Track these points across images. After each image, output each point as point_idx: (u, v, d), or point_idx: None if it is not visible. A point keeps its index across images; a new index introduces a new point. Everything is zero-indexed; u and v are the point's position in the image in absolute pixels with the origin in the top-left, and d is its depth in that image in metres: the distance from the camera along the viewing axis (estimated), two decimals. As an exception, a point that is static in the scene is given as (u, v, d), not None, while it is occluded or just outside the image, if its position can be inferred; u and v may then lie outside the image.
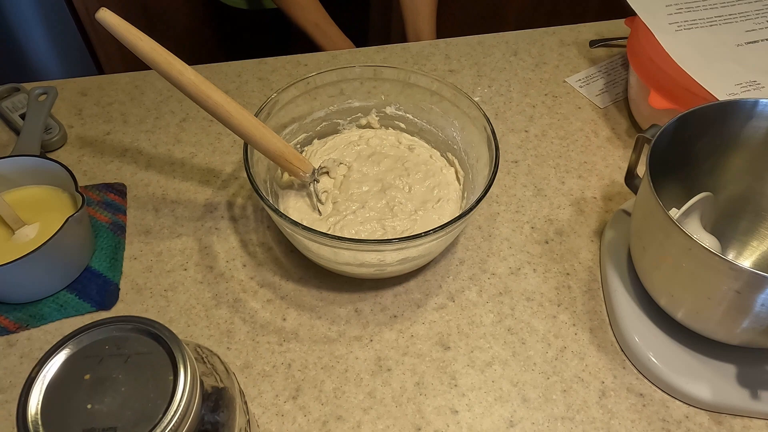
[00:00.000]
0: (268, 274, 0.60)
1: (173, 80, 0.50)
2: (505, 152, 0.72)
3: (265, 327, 0.56)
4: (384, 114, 0.67)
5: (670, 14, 0.74)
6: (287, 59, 0.83)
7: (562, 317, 0.57)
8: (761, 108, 0.54)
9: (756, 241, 0.60)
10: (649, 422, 0.51)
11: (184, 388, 0.30)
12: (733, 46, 0.71)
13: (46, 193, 0.60)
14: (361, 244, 0.52)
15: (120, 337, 0.32)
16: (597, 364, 0.54)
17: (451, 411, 0.51)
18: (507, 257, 0.62)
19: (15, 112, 0.72)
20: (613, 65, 0.84)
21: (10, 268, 0.51)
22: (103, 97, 0.77)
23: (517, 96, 0.80)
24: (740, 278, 0.44)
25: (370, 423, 0.50)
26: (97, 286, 0.58)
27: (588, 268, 0.61)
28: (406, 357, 0.54)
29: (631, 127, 0.76)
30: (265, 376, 0.53)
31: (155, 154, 0.71)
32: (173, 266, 0.60)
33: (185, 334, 0.55)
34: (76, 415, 0.29)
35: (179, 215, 0.65)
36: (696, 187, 0.56)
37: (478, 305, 0.58)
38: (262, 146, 0.55)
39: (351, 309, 0.58)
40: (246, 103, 0.76)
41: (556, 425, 0.51)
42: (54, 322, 0.56)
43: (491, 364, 0.54)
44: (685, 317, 0.51)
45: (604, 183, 0.69)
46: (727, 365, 0.52)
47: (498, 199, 0.67)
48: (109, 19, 0.46)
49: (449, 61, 0.84)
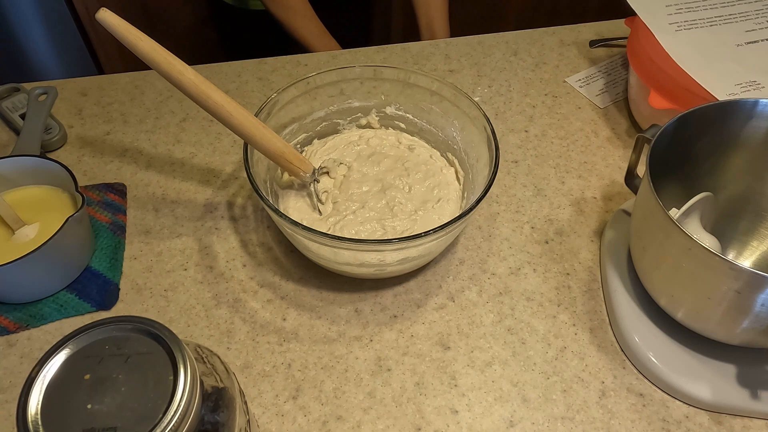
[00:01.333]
0: (268, 274, 0.60)
1: (173, 80, 0.50)
2: (505, 152, 0.72)
3: (265, 327, 0.56)
4: (384, 114, 0.67)
5: (670, 14, 0.74)
6: (287, 59, 0.83)
7: (562, 317, 0.57)
8: (761, 108, 0.54)
9: (756, 241, 0.60)
10: (649, 422, 0.51)
11: (184, 388, 0.30)
12: (733, 46, 0.71)
13: (46, 193, 0.60)
14: (361, 244, 0.52)
15: (120, 337, 0.32)
16: (597, 364, 0.54)
17: (451, 411, 0.51)
18: (507, 257, 0.62)
19: (15, 112, 0.72)
20: (613, 65, 0.84)
21: (10, 268, 0.51)
22: (103, 97, 0.77)
23: (517, 96, 0.80)
24: (740, 278, 0.44)
25: (370, 423, 0.50)
26: (97, 286, 0.58)
27: (588, 268, 0.61)
28: (406, 357, 0.54)
29: (631, 127, 0.76)
30: (265, 376, 0.53)
31: (155, 154, 0.71)
32: (173, 266, 0.60)
33: (185, 334, 0.55)
34: (76, 415, 0.29)
35: (179, 215, 0.65)
36: (696, 187, 0.56)
37: (478, 305, 0.58)
38: (263, 146, 0.55)
39: (351, 309, 0.58)
40: (246, 103, 0.76)
41: (556, 425, 0.51)
42: (54, 322, 0.56)
43: (491, 364, 0.54)
44: (685, 317, 0.51)
45: (604, 183, 0.69)
46: (727, 365, 0.52)
47: (498, 199, 0.67)
48: (109, 20, 0.46)
49: (449, 61, 0.84)
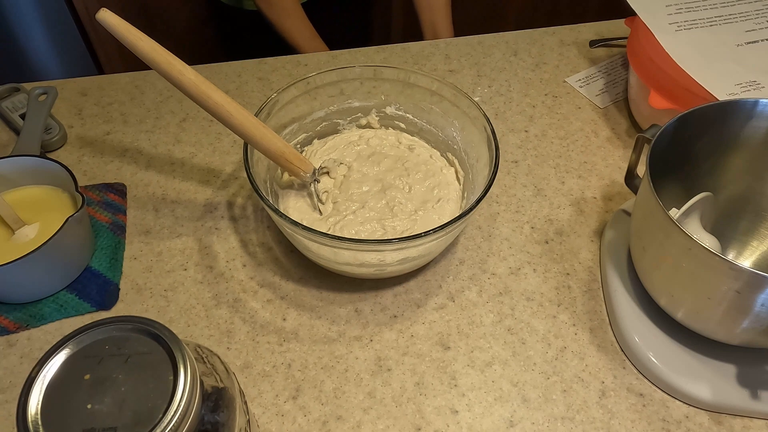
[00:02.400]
0: (268, 274, 0.60)
1: (174, 80, 0.50)
2: (505, 152, 0.72)
3: (265, 327, 0.56)
4: (384, 114, 0.67)
5: (670, 14, 0.74)
6: (287, 59, 0.83)
7: (562, 317, 0.57)
8: (761, 108, 0.54)
9: (756, 241, 0.60)
10: (649, 422, 0.51)
11: (184, 388, 0.30)
12: (733, 46, 0.71)
13: (46, 193, 0.60)
14: (361, 244, 0.52)
15: (120, 337, 0.32)
16: (597, 364, 0.54)
17: (451, 411, 0.51)
18: (507, 257, 0.62)
19: (15, 112, 0.72)
20: (613, 65, 0.84)
21: (10, 268, 0.51)
22: (103, 97, 0.77)
23: (517, 96, 0.80)
24: (740, 278, 0.44)
25: (370, 423, 0.50)
26: (97, 286, 0.58)
27: (588, 268, 0.61)
28: (406, 357, 0.54)
29: (631, 127, 0.76)
30: (265, 376, 0.53)
31: (155, 154, 0.71)
32: (173, 266, 0.60)
33: (185, 334, 0.55)
34: (76, 415, 0.29)
35: (179, 215, 0.65)
36: (696, 187, 0.56)
37: (478, 305, 0.58)
38: (263, 146, 0.55)
39: (351, 309, 0.58)
40: (246, 103, 0.76)
41: (556, 425, 0.51)
42: (54, 322, 0.56)
43: (491, 364, 0.54)
44: (685, 317, 0.51)
45: (604, 183, 0.69)
46: (727, 365, 0.52)
47: (498, 199, 0.67)
48: (109, 20, 0.46)
49: (449, 61, 0.84)
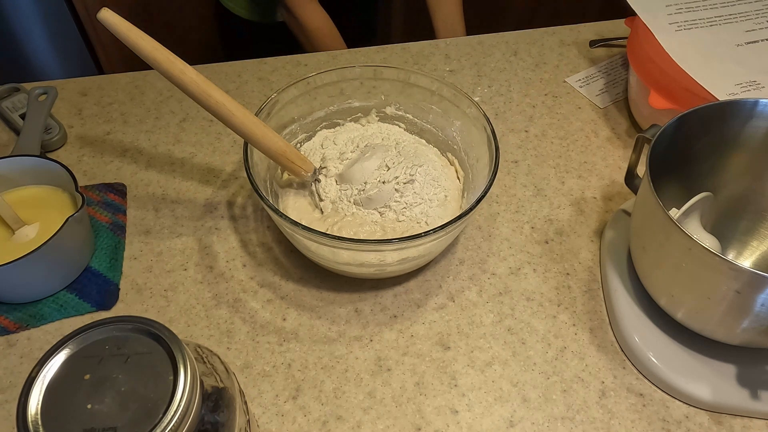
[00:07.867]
0: (268, 274, 0.60)
1: (175, 79, 0.50)
2: (505, 152, 0.72)
3: (265, 327, 0.56)
4: (384, 114, 0.67)
5: (670, 14, 0.74)
6: (287, 59, 0.83)
7: (562, 317, 0.57)
8: (761, 108, 0.54)
9: (756, 241, 0.60)
10: (649, 422, 0.51)
11: (184, 388, 0.30)
12: (733, 46, 0.71)
13: (46, 193, 0.60)
14: (360, 244, 0.52)
15: (120, 337, 0.32)
16: (597, 364, 0.54)
17: (451, 411, 0.51)
18: (507, 257, 0.62)
19: (15, 112, 0.72)
20: (613, 65, 0.84)
21: (10, 268, 0.51)
22: (103, 97, 0.77)
23: (517, 96, 0.80)
24: (740, 278, 0.44)
25: (370, 423, 0.50)
26: (97, 286, 0.58)
27: (588, 268, 0.61)
28: (406, 357, 0.54)
29: (631, 127, 0.76)
30: (265, 376, 0.53)
31: (155, 154, 0.71)
32: (173, 266, 0.60)
33: (185, 334, 0.55)
34: (76, 415, 0.29)
35: (179, 215, 0.65)
36: (696, 187, 0.56)
37: (478, 305, 0.58)
38: (264, 145, 0.55)
39: (351, 309, 0.58)
40: (246, 103, 0.76)
41: (556, 425, 0.51)
42: (54, 322, 0.56)
43: (491, 364, 0.54)
44: (685, 317, 0.51)
45: (604, 183, 0.69)
46: (727, 365, 0.52)
47: (498, 199, 0.67)
48: (110, 19, 0.46)
49: (449, 61, 0.84)
